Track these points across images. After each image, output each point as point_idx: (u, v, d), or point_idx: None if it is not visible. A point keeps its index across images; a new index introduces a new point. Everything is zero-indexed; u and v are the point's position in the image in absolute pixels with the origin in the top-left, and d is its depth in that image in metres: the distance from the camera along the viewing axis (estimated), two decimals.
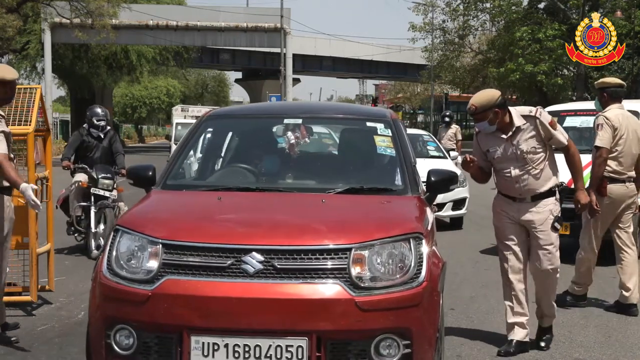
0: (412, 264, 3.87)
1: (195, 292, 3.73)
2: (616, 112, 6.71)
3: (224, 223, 4.12)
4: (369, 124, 5.36)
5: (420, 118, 73.40)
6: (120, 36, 36.96)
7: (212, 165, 5.52)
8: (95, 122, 9.63)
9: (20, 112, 6.35)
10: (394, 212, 4.36)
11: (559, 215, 5.43)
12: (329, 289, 3.72)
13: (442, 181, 4.81)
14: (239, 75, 72.79)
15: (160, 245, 3.88)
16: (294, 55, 45.65)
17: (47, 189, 6.74)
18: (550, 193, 5.42)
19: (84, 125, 9.83)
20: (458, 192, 11.58)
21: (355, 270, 3.77)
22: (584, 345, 5.73)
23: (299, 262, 3.76)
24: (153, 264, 3.86)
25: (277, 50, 44.83)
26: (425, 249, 3.97)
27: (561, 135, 5.40)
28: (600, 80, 7.06)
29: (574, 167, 5.54)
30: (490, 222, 9.95)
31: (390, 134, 5.14)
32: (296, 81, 58.10)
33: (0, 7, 27.82)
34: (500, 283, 5.71)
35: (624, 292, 6.67)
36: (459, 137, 17.39)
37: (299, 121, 5.32)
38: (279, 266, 3.75)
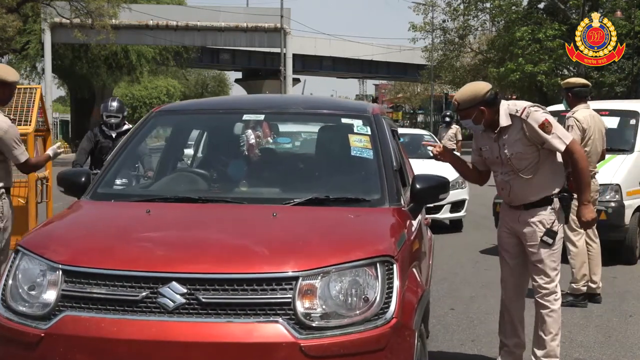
0: (378, 296, 3.13)
1: (98, 332, 3.01)
2: (584, 113, 6.93)
3: (140, 244, 3.36)
4: (344, 120, 4.53)
5: (420, 118, 73.42)
6: (120, 36, 36.95)
7: (159, 169, 4.82)
8: (105, 118, 8.07)
9: (20, 112, 6.35)
10: (360, 229, 3.56)
11: (552, 227, 4.60)
12: (267, 329, 2.98)
13: (430, 189, 4.05)
14: (239, 75, 72.72)
15: (60, 272, 3.16)
16: (294, 55, 45.64)
17: (47, 189, 6.74)
18: (546, 201, 4.62)
19: (101, 123, 8.35)
20: (457, 194, 11.43)
21: (302, 305, 3.04)
22: (584, 345, 5.73)
23: (231, 295, 3.02)
24: (50, 296, 3.14)
25: (277, 50, 44.83)
26: (397, 275, 3.23)
27: (557, 140, 4.48)
28: (566, 80, 7.30)
29: (577, 176, 4.60)
30: (490, 222, 9.97)
31: (369, 133, 4.29)
32: (296, 81, 58.08)
33: (0, 7, 27.80)
34: (499, 282, 5.68)
35: (590, 284, 7.01)
36: (459, 137, 17.40)
37: (261, 117, 4.53)
38: (204, 300, 3.02)
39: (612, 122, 9.15)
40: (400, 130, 14.73)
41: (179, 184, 4.40)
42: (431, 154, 4.92)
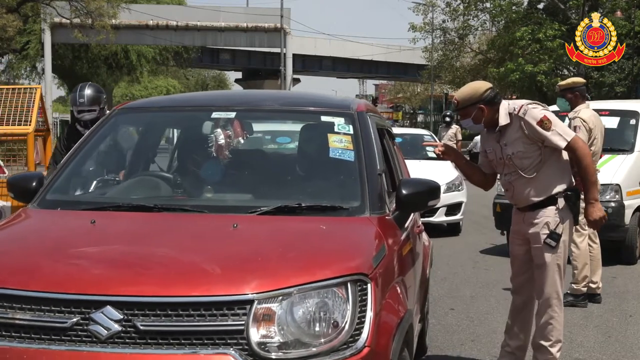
0: (348, 322, 2.72)
1: None
2: (588, 112, 6.93)
3: (74, 261, 2.93)
4: (324, 118, 4.05)
5: (420, 118, 73.46)
6: (120, 36, 36.95)
7: (126, 174, 4.36)
8: (76, 114, 5.96)
9: (20, 112, 6.35)
10: (331, 242, 3.12)
11: (556, 229, 4.46)
12: None
13: (417, 195, 3.61)
14: (239, 75, 72.77)
15: None
16: (294, 55, 45.68)
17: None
18: (550, 201, 4.50)
19: (74, 121, 6.13)
20: (453, 196, 11.23)
21: (257, 334, 2.64)
22: (584, 345, 5.73)
23: (174, 322, 2.63)
24: None
25: (277, 50, 44.86)
26: (371, 296, 2.81)
27: (557, 137, 4.38)
28: (570, 80, 7.26)
29: (582, 174, 4.48)
30: (491, 223, 9.97)
31: (351, 132, 3.81)
32: (296, 81, 58.11)
33: (0, 7, 27.81)
34: (500, 282, 5.67)
35: (590, 285, 7.03)
36: (459, 137, 17.44)
37: (232, 115, 4.06)
38: (143, 328, 2.62)
39: (612, 122, 9.16)
40: (399, 130, 14.78)
41: (138, 190, 3.94)
42: (434, 155, 4.74)
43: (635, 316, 6.62)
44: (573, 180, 4.59)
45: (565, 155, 4.53)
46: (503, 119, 4.49)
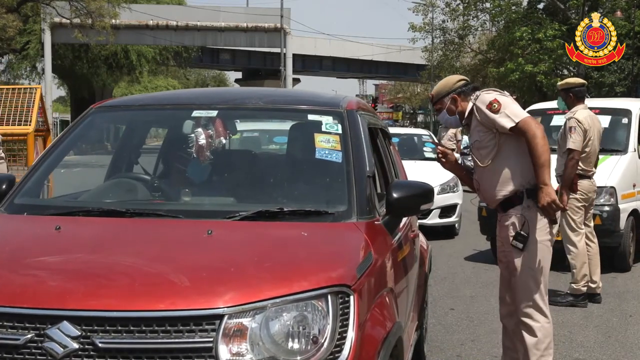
0: (328, 338, 2.52)
1: None
2: (584, 113, 6.90)
3: (30, 272, 2.71)
4: (311, 117, 3.81)
5: (420, 118, 73.55)
6: (120, 36, 37.02)
7: (106, 176, 4.18)
8: None
9: (20, 112, 6.36)
10: (311, 251, 2.90)
11: (522, 230, 4.16)
12: None
13: (409, 198, 3.39)
14: (239, 75, 72.84)
15: None
16: (294, 55, 45.73)
17: (47, 190, 6.74)
18: (517, 199, 4.20)
19: None
20: (447, 198, 10.96)
21: (228, 351, 2.44)
22: (584, 345, 5.73)
23: (136, 339, 2.43)
24: None
25: (277, 50, 44.92)
26: (354, 309, 2.61)
27: (505, 119, 4.09)
28: (564, 81, 7.26)
29: (533, 156, 4.10)
30: None
31: (340, 131, 3.59)
32: (296, 81, 58.15)
33: (0, 7, 27.82)
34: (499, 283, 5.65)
35: (590, 284, 7.04)
36: (459, 137, 17.42)
37: (213, 113, 3.84)
38: (102, 345, 2.42)
39: (604, 121, 8.86)
40: (396, 130, 14.68)
41: (113, 193, 3.76)
42: (433, 155, 4.66)
43: (635, 316, 6.62)
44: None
45: (525, 148, 4.16)
46: (468, 108, 4.34)
